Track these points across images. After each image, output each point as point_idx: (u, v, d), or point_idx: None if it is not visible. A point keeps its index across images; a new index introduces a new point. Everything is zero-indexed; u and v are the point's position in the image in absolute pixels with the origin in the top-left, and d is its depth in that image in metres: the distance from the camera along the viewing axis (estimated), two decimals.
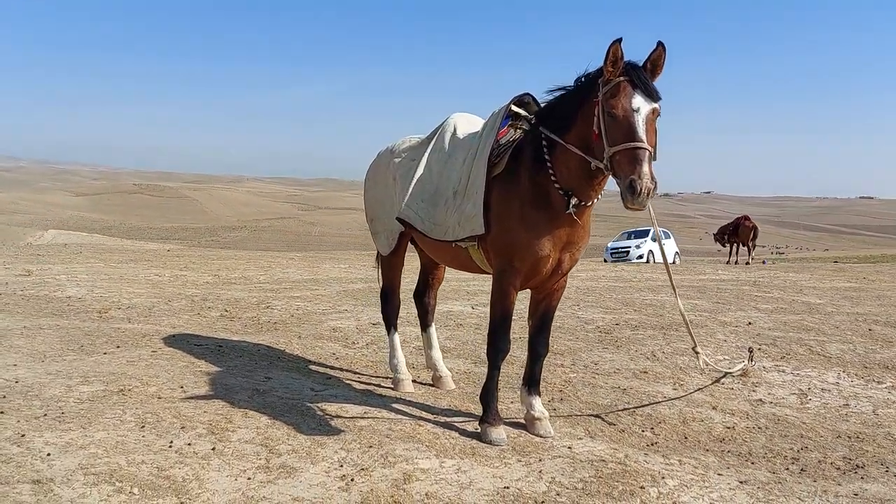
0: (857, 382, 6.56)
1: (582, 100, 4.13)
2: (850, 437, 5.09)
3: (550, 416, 4.93)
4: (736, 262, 25.98)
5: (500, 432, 4.49)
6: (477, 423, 4.70)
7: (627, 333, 7.96)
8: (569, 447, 4.51)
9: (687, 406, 5.56)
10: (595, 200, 4.32)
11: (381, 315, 5.79)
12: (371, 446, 4.15)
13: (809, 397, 6.00)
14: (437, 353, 5.73)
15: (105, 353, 5.76)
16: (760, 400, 5.87)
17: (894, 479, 4.36)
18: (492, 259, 4.56)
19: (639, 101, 3.84)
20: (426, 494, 3.65)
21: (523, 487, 3.83)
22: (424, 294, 5.78)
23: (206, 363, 5.63)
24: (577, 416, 5.20)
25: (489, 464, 4.13)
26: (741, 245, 27.67)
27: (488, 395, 4.62)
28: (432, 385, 5.68)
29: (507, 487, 3.82)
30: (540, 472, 4.07)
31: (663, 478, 4.12)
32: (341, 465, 3.88)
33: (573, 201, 4.24)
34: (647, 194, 3.68)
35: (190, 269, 12.16)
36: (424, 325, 5.76)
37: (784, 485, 4.19)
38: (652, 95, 3.87)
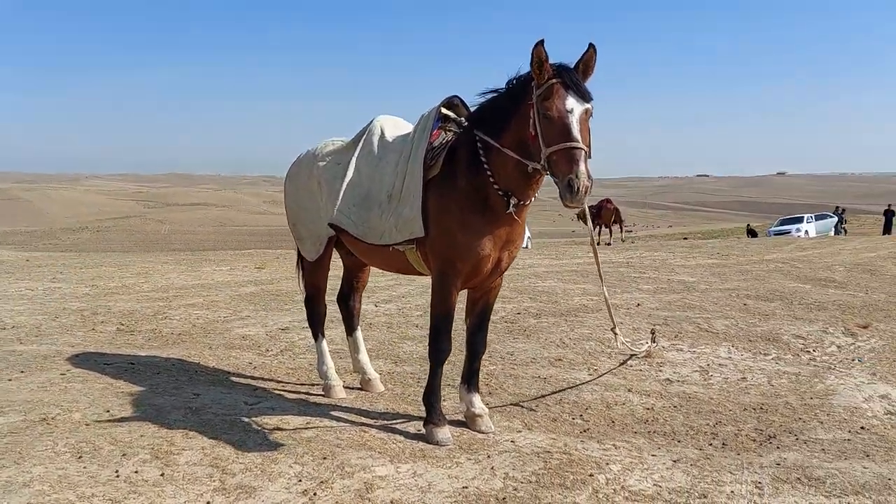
0: (746, 356, 7.07)
1: (516, 102, 4.21)
2: (755, 409, 5.50)
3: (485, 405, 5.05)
4: (608, 244, 27.23)
5: (445, 432, 4.56)
6: (420, 424, 4.74)
7: (532, 322, 8.20)
8: (511, 441, 4.64)
9: (606, 391, 5.82)
10: (533, 199, 4.43)
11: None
12: (325, 457, 4.11)
13: (710, 373, 6.42)
14: (364, 357, 5.72)
15: (10, 380, 5.38)
16: (668, 379, 6.23)
17: (805, 447, 4.75)
18: (431, 261, 4.59)
19: (572, 102, 3.93)
20: (391, 502, 3.67)
21: (481, 486, 3.92)
22: (349, 297, 5.75)
23: (124, 383, 5.38)
24: (509, 408, 5.34)
25: (441, 465, 4.19)
26: (604, 227, 29.10)
27: (432, 395, 4.67)
28: (361, 389, 5.67)
29: (466, 487, 3.89)
30: (492, 468, 4.17)
31: (607, 463, 4.32)
32: (300, 480, 3.84)
33: (513, 201, 4.33)
34: (585, 192, 3.79)
35: (61, 281, 11.47)
36: (350, 329, 5.73)
37: (713, 460, 4.48)
38: (584, 96, 3.98)
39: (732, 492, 4.04)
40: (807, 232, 36.20)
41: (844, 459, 4.53)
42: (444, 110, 4.79)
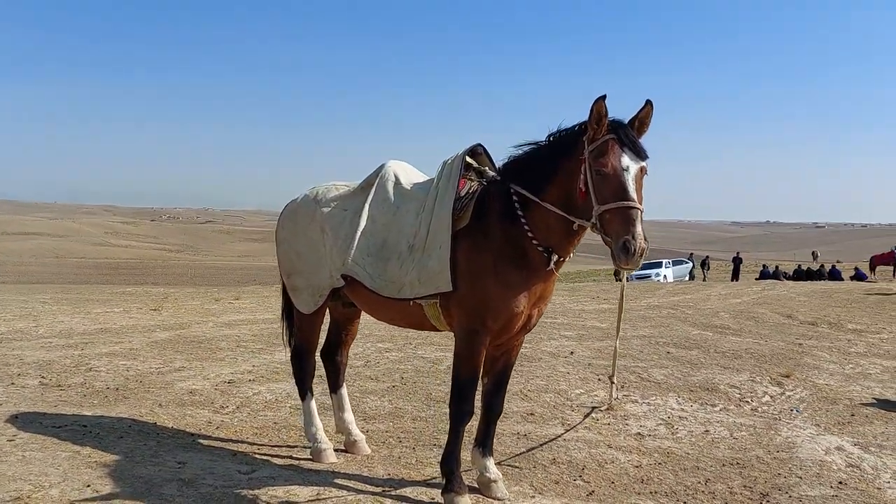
0: (696, 407, 7.23)
1: (562, 156, 4.10)
2: (733, 465, 5.60)
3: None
4: None
5: (467, 500, 4.36)
6: (427, 489, 4.51)
7: None
8: None
9: (590, 447, 5.77)
10: (571, 255, 4.32)
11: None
12: None
13: (675, 427, 6.51)
14: (349, 416, 5.40)
15: None
16: (640, 434, 6.25)
17: (799, 502, 4.85)
18: (455, 317, 4.38)
19: (628, 160, 3.85)
20: None
21: None
22: (336, 351, 5.43)
23: (91, 450, 4.82)
24: (510, 470, 5.17)
25: None
26: None
27: (453, 461, 4.46)
28: (345, 451, 5.33)
29: None
30: None
31: None
32: None
33: (554, 258, 4.22)
34: (641, 254, 3.71)
35: None
36: (335, 386, 5.41)
37: None
38: (640, 154, 3.89)
39: None
40: (665, 276, 38.18)
41: None
42: (468, 159, 4.63)
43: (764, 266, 40.31)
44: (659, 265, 40.78)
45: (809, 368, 9.45)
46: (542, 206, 4.15)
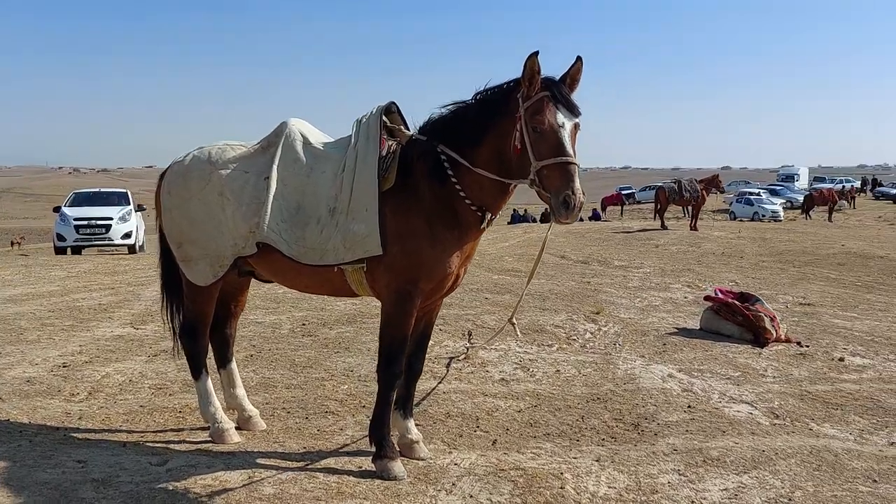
0: (536, 349, 7.73)
1: (494, 115, 4.10)
2: (594, 400, 6.09)
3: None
4: None
5: (400, 466, 4.35)
6: (353, 458, 4.45)
7: (328, 332, 7.96)
8: (456, 464, 4.60)
9: (471, 398, 5.97)
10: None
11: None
12: None
13: (530, 369, 6.91)
14: (241, 391, 5.09)
15: None
16: (504, 379, 6.58)
17: (670, 430, 5.43)
18: (384, 280, 4.27)
19: (563, 117, 3.90)
20: None
21: None
22: (225, 324, 5.04)
23: None
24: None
25: (422, 501, 4.02)
26: None
27: (383, 427, 4.40)
28: (238, 428, 5.05)
29: None
30: (472, 496, 4.12)
31: (561, 474, 4.52)
32: None
33: (488, 216, 4.24)
34: (580, 208, 3.83)
35: None
36: (224, 360, 5.05)
37: (621, 454, 4.93)
38: (573, 111, 3.95)
39: (670, 482, 4.51)
40: None
41: (714, 438, 5.27)
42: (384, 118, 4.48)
43: (514, 210, 42.86)
44: None
45: (608, 304, 10.37)
46: (475, 166, 4.15)
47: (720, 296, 9.06)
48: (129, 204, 22.63)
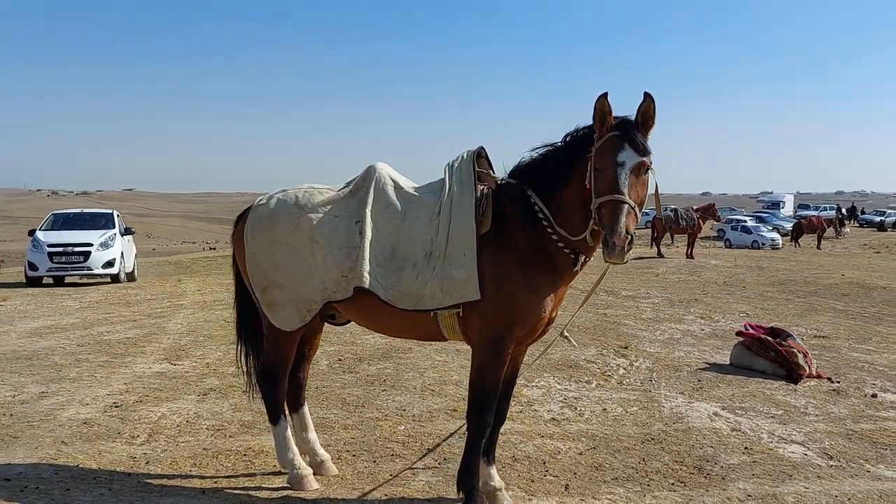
0: (577, 385, 7.71)
1: (576, 157, 4.10)
2: (649, 441, 6.09)
3: (444, 478, 4.88)
4: None
5: None
6: None
7: (368, 368, 7.91)
8: None
9: (528, 440, 5.93)
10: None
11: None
12: None
13: (577, 408, 6.90)
14: (313, 435, 5.04)
15: None
16: (555, 419, 6.55)
17: (734, 473, 5.43)
18: (477, 326, 4.24)
19: (624, 156, 3.84)
20: None
21: None
22: (298, 368, 4.99)
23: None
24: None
25: None
26: None
27: (472, 477, 4.36)
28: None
29: None
30: None
31: None
32: None
33: (581, 258, 4.24)
34: (623, 249, 3.71)
35: None
36: (297, 404, 5.00)
37: (697, 499, 4.92)
38: (637, 149, 3.87)
39: None
40: None
41: (783, 483, 5.27)
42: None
43: None
44: None
45: (632, 338, 10.40)
46: (562, 210, 4.15)
47: (751, 331, 9.10)
48: (114, 227, 20.12)
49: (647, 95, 3.91)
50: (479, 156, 4.52)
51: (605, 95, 3.91)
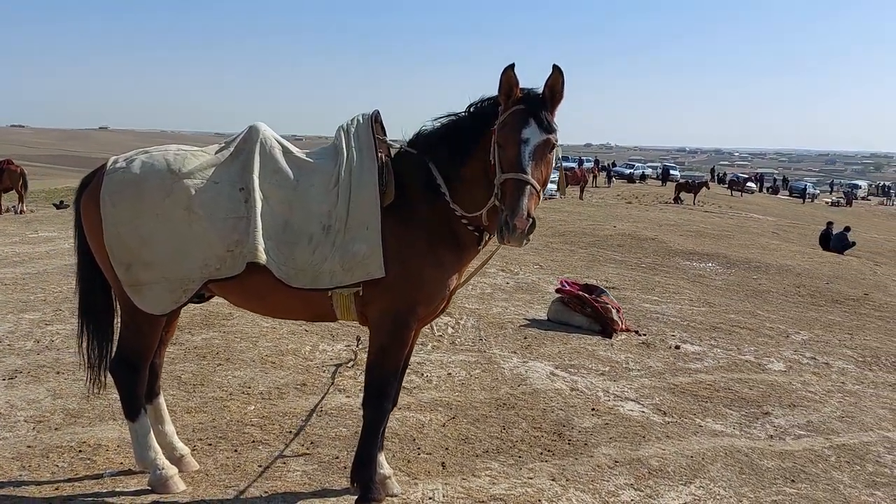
0: (420, 349, 7.54)
1: (480, 129, 3.83)
2: (502, 406, 6.14)
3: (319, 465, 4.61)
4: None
5: None
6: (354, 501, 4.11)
7: (193, 339, 7.22)
8: (430, 497, 4.40)
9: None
10: None
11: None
12: None
13: (423, 374, 6.77)
14: (170, 427, 4.41)
15: None
16: (405, 387, 6.32)
17: (594, 436, 5.61)
18: (378, 305, 3.91)
19: (529, 132, 3.61)
20: None
21: None
22: (154, 354, 4.29)
23: None
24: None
25: None
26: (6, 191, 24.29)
27: (372, 468, 4.05)
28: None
29: None
30: None
31: (539, 501, 4.46)
32: None
33: (486, 237, 4.00)
34: (524, 233, 3.47)
35: None
36: (152, 395, 4.32)
37: (570, 469, 5.00)
38: (542, 125, 3.62)
39: (633, 499, 4.64)
40: None
41: (640, 446, 5.49)
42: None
43: None
44: None
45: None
46: (463, 185, 3.90)
47: (568, 287, 9.43)
48: None
49: (556, 68, 3.65)
50: (375, 120, 4.11)
51: (511, 66, 3.65)
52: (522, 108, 3.65)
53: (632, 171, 62.03)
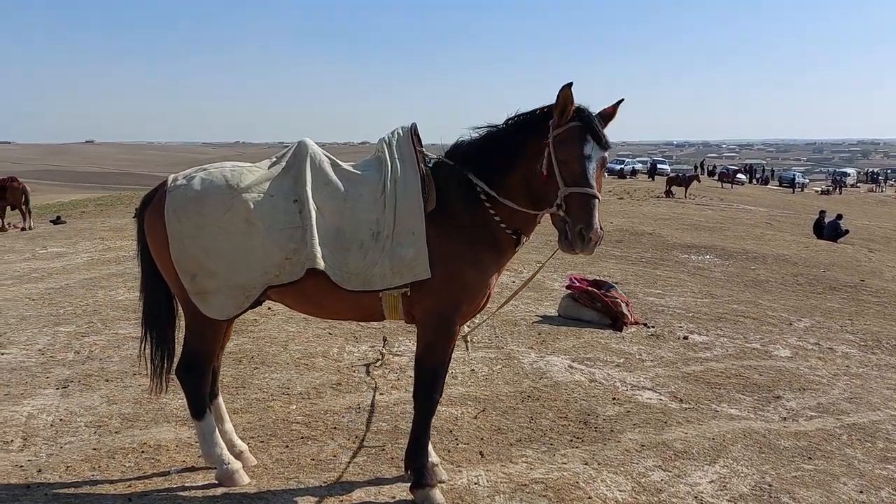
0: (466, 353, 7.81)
1: (525, 141, 4.10)
2: (527, 399, 6.41)
3: (369, 456, 4.86)
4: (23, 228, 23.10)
5: (440, 494, 4.35)
6: (408, 489, 4.43)
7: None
8: (476, 483, 4.68)
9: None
10: None
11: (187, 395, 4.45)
12: None
13: (449, 371, 7.01)
14: (229, 426, 4.70)
15: None
16: (445, 383, 6.61)
17: (619, 424, 5.89)
18: (424, 305, 4.21)
19: (590, 149, 3.90)
20: None
21: None
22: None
23: None
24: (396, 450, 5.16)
25: None
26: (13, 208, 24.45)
27: (423, 454, 4.37)
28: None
29: None
30: None
31: (577, 484, 4.76)
32: None
33: (523, 239, 4.30)
34: (597, 243, 3.87)
35: None
36: (212, 396, 4.63)
37: (601, 453, 5.28)
38: (600, 142, 3.93)
39: (663, 479, 4.94)
40: None
41: (663, 430, 5.79)
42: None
43: None
44: None
45: None
46: (505, 193, 4.17)
47: (577, 284, 9.75)
48: None
49: (622, 101, 4.10)
50: (413, 132, 4.42)
51: (569, 85, 3.93)
52: (581, 126, 3.94)
53: (622, 166, 62.42)
